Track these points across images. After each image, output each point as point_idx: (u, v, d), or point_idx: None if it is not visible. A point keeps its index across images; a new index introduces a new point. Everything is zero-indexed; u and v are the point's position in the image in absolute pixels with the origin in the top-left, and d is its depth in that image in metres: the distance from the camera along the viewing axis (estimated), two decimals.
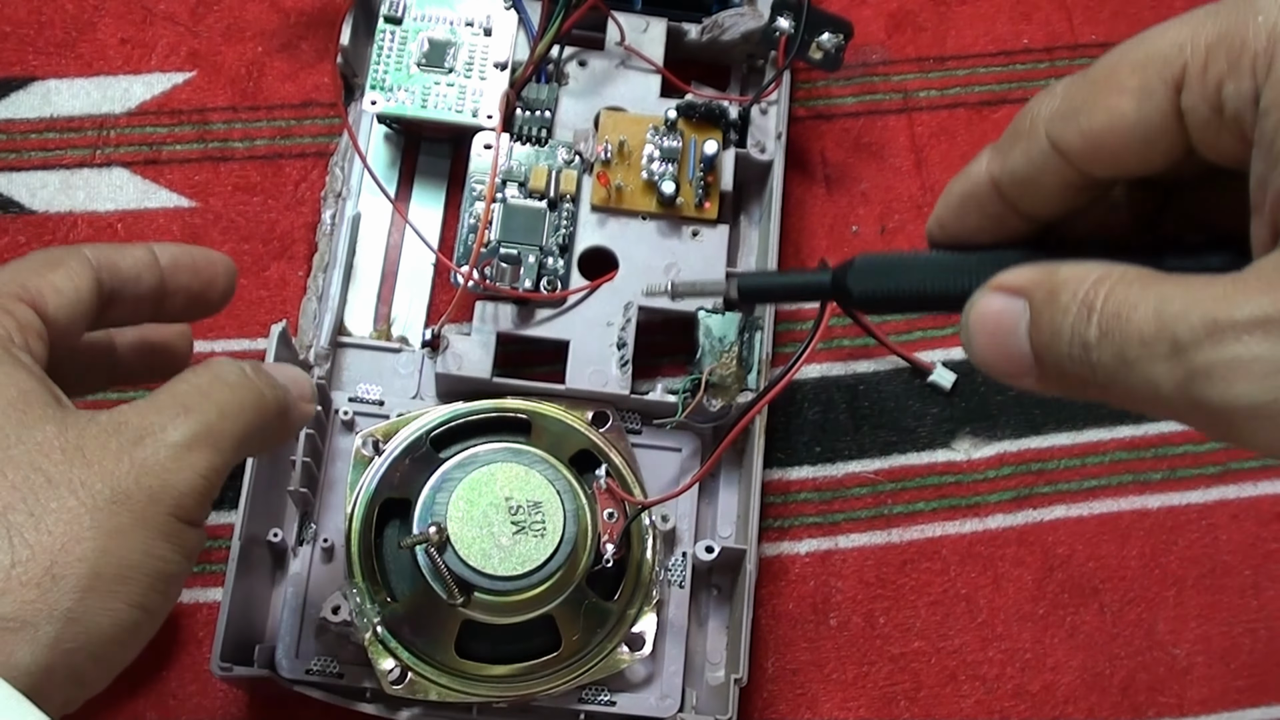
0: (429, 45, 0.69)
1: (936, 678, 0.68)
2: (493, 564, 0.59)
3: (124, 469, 0.44)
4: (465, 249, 0.66)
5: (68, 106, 0.74)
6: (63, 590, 0.42)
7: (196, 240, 0.71)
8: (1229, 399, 0.31)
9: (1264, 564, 0.70)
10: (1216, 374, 0.31)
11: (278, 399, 0.50)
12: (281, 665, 0.62)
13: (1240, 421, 0.31)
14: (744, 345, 0.65)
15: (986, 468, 0.71)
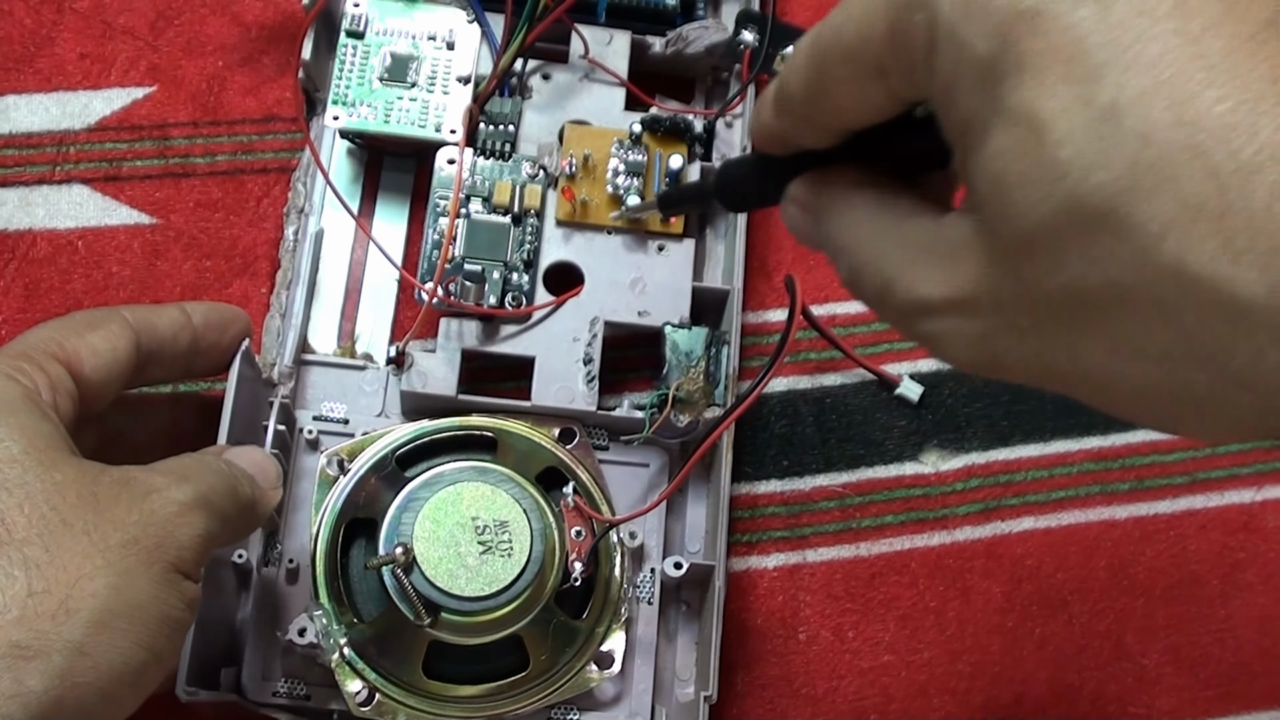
0: (391, 60, 0.69)
1: (906, 691, 0.67)
2: (460, 584, 0.58)
3: (133, 518, 0.47)
4: (430, 265, 0.66)
5: (26, 122, 0.73)
6: (76, 624, 0.43)
7: (158, 257, 0.70)
8: (950, 359, 0.39)
9: (1232, 573, 0.70)
10: (933, 341, 0.38)
11: (248, 494, 0.53)
12: (248, 688, 0.61)
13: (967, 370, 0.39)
14: (711, 360, 0.65)
15: (954, 480, 0.71)
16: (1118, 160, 0.31)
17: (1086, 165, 0.32)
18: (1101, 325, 0.34)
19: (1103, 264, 0.32)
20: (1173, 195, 0.31)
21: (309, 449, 0.65)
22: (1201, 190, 0.30)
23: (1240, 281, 0.30)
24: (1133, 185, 0.31)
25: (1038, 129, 0.33)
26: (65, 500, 0.46)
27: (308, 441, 0.65)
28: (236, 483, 0.53)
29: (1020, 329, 0.35)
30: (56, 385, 0.51)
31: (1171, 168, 0.31)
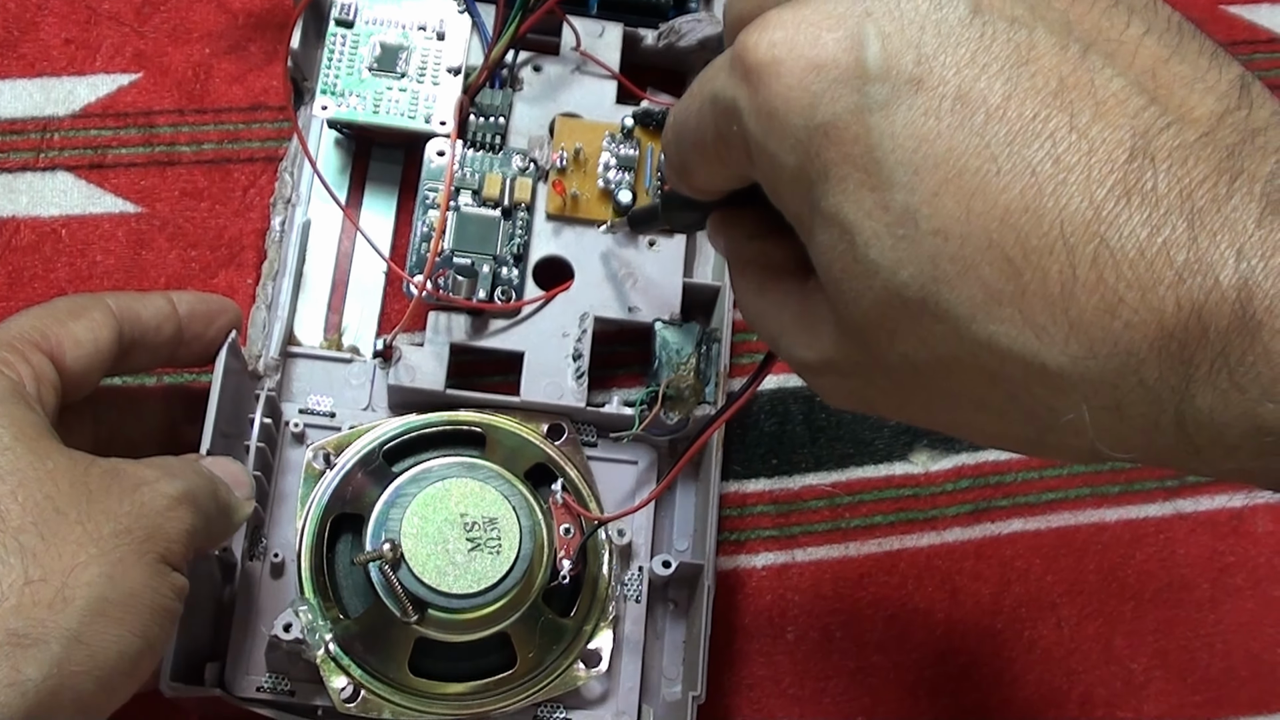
0: (381, 50, 0.68)
1: (894, 692, 0.67)
2: (448, 581, 0.58)
3: (125, 509, 0.47)
4: (419, 258, 0.65)
5: (10, 108, 0.72)
6: (72, 612, 0.43)
7: (143, 246, 0.69)
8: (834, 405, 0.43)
9: (1220, 578, 0.70)
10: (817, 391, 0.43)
11: (226, 499, 0.54)
12: (231, 683, 0.60)
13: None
14: (701, 357, 0.64)
15: (944, 480, 0.70)
16: (920, 257, 0.34)
17: (893, 263, 0.35)
18: (943, 387, 0.37)
19: (930, 342, 0.35)
20: (975, 282, 0.33)
21: (295, 442, 0.64)
22: (998, 276, 0.33)
23: (1046, 355, 0.33)
24: (937, 277, 0.34)
25: (847, 232, 0.35)
26: (58, 489, 0.46)
27: (293, 435, 0.64)
28: (216, 485, 0.53)
29: (881, 387, 0.39)
30: (40, 376, 0.51)
31: (969, 258, 0.33)
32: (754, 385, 0.53)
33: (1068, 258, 0.32)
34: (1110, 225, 0.32)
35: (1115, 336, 0.32)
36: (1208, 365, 0.32)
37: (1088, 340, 0.33)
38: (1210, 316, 0.31)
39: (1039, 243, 0.32)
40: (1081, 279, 0.32)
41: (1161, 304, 0.32)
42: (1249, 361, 0.31)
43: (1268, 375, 0.31)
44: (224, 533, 0.55)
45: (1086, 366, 0.33)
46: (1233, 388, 0.32)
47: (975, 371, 0.35)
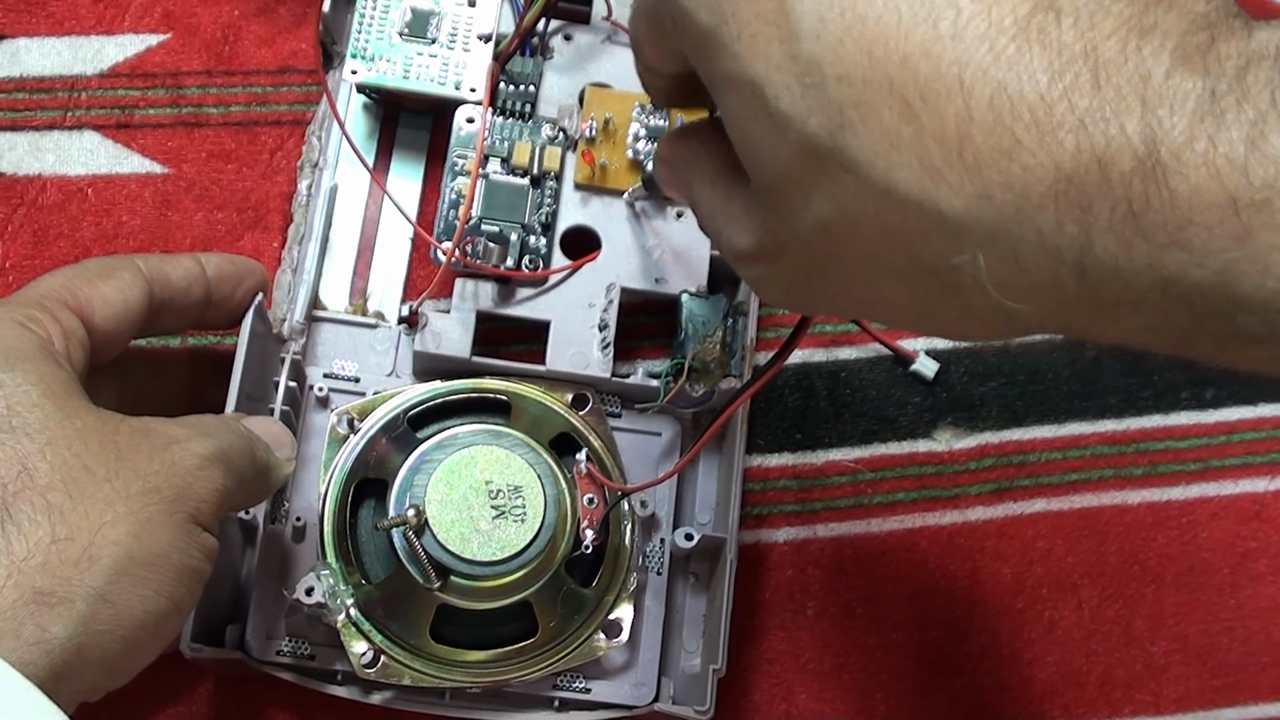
0: (412, 15, 0.67)
1: (914, 669, 0.67)
2: (471, 548, 0.57)
3: (154, 468, 0.47)
4: (446, 224, 0.65)
5: (38, 66, 0.72)
6: (98, 571, 0.43)
7: (169, 207, 0.69)
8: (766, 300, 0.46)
9: (1242, 563, 0.70)
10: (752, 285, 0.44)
11: (263, 458, 0.54)
12: (251, 646, 0.60)
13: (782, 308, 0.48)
14: (728, 330, 0.64)
15: (967, 459, 0.70)
16: (826, 103, 0.34)
17: (803, 113, 0.35)
18: (854, 252, 0.37)
19: (838, 196, 0.36)
20: (876, 127, 0.34)
21: (319, 406, 0.64)
22: (898, 119, 0.34)
23: (941, 199, 0.34)
24: (843, 123, 0.34)
25: (758, 89, 0.36)
26: (87, 447, 0.46)
27: (318, 399, 0.64)
28: (254, 445, 0.53)
29: (803, 269, 0.40)
30: (69, 334, 0.51)
31: (870, 102, 0.34)
32: (781, 359, 0.53)
33: (964, 100, 0.33)
34: (1009, 69, 0.32)
35: (1011, 180, 0.33)
36: (1109, 212, 0.32)
37: (982, 183, 0.33)
38: (1112, 161, 0.31)
39: (936, 85, 0.33)
40: (978, 121, 0.33)
41: (1060, 148, 0.32)
42: (1154, 207, 0.31)
43: (1174, 221, 0.31)
44: (261, 492, 0.55)
45: (982, 211, 0.33)
46: (1137, 235, 0.32)
47: (880, 228, 0.36)
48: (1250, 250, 0.31)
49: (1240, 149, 0.30)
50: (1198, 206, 0.31)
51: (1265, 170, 0.30)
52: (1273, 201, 0.30)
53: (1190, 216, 0.31)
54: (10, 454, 0.44)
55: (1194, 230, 0.31)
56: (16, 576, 0.42)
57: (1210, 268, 0.31)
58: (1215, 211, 0.31)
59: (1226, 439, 0.72)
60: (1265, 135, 0.30)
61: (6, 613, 0.41)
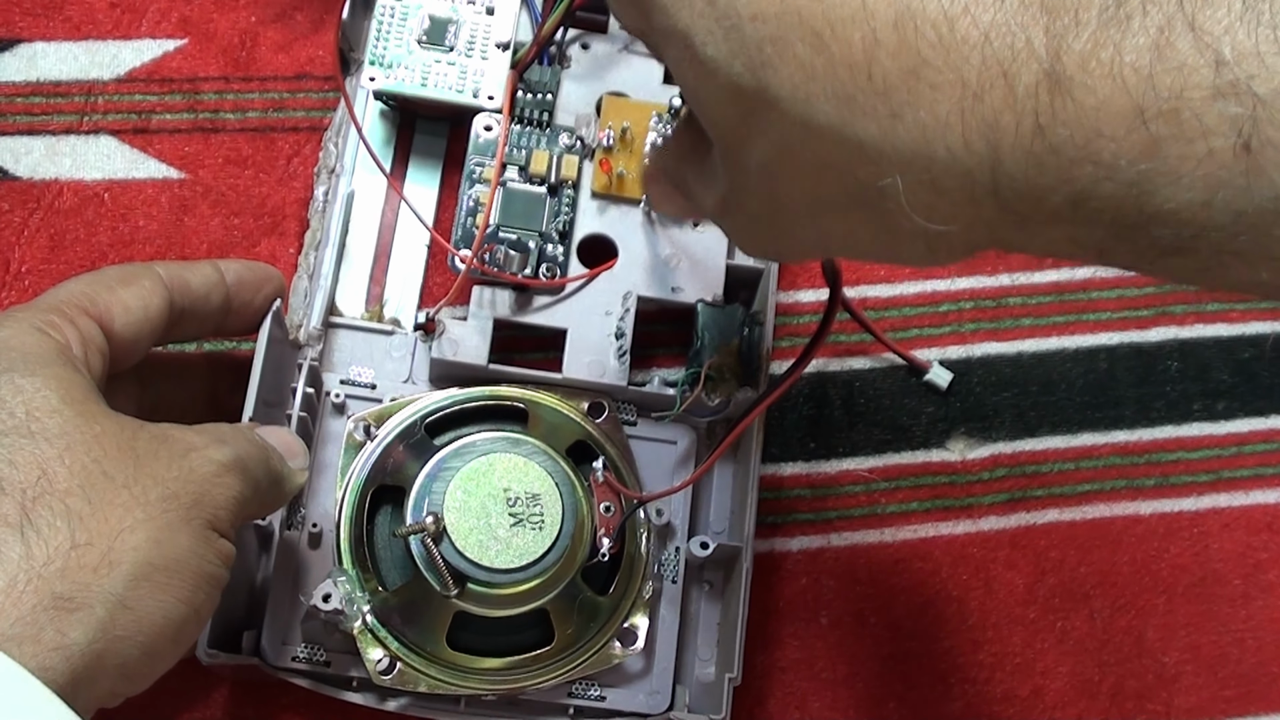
0: (430, 22, 0.68)
1: (926, 679, 0.67)
2: (490, 556, 0.58)
3: (173, 474, 0.46)
4: (464, 231, 0.65)
5: (54, 71, 0.72)
6: (117, 577, 0.43)
7: (185, 212, 0.69)
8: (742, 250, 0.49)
9: (1254, 574, 0.70)
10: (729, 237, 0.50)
11: (278, 468, 0.54)
12: (267, 652, 0.60)
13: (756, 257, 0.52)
14: (744, 339, 0.64)
15: (980, 469, 0.70)
16: (746, 44, 0.35)
17: (727, 56, 0.36)
18: (795, 189, 0.38)
19: (770, 135, 0.37)
20: (792, 62, 0.35)
21: (335, 413, 0.64)
22: (810, 50, 0.34)
23: (858, 126, 0.34)
24: (763, 61, 0.35)
25: (687, 39, 0.37)
26: (106, 452, 0.45)
27: (334, 405, 0.64)
28: (269, 454, 0.53)
29: (762, 213, 0.41)
30: (87, 340, 0.51)
31: (784, 37, 0.34)
32: (798, 370, 0.53)
33: (869, 24, 0.33)
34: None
35: (919, 99, 0.33)
36: (1015, 127, 0.32)
37: (891, 105, 0.33)
38: (1017, 74, 0.31)
39: (842, 12, 0.33)
40: (884, 43, 0.33)
41: (965, 63, 0.32)
42: (1061, 120, 0.31)
43: (1081, 134, 0.31)
44: (275, 501, 0.55)
45: (895, 133, 0.34)
46: (1046, 151, 0.32)
47: (811, 163, 0.36)
48: (1159, 162, 0.31)
49: (1146, 57, 0.30)
50: (1105, 118, 0.31)
51: (1171, 79, 0.30)
52: (1180, 112, 0.30)
53: (1098, 129, 0.31)
54: (30, 458, 0.44)
55: (1102, 143, 0.31)
56: (36, 582, 0.42)
57: (1120, 180, 0.31)
58: (1122, 123, 0.31)
59: (1238, 450, 0.72)
60: (1171, 42, 0.30)
61: (26, 618, 0.41)
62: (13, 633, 0.41)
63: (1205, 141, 0.30)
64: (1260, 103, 0.29)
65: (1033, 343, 0.72)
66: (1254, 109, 0.30)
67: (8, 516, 0.43)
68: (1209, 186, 0.30)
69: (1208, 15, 0.30)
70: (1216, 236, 0.31)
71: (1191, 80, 0.30)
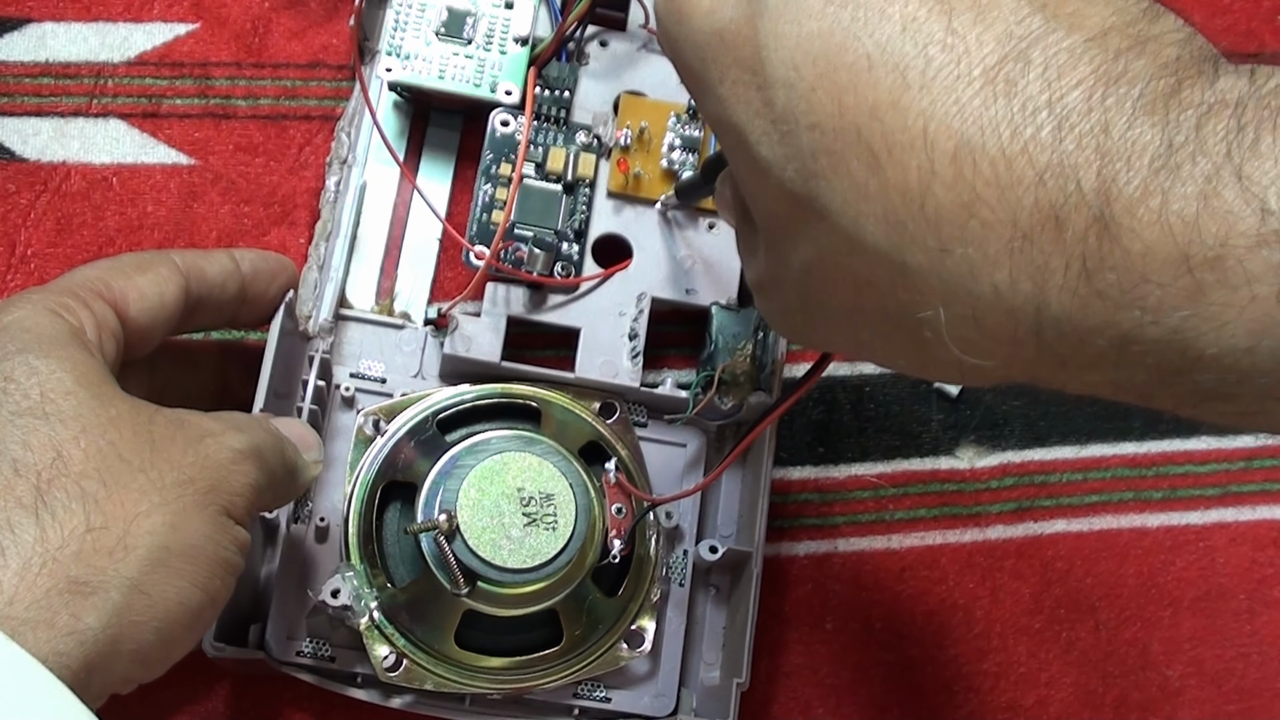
0: (448, 14, 0.67)
1: (931, 687, 0.67)
2: (502, 555, 0.57)
3: (189, 459, 0.46)
4: (479, 227, 0.65)
5: (64, 52, 0.71)
6: (133, 561, 0.43)
7: (194, 199, 0.69)
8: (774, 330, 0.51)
9: (1259, 589, 0.70)
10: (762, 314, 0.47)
11: (293, 458, 0.53)
12: (272, 647, 0.60)
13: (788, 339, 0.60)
14: (758, 344, 0.64)
15: (989, 477, 0.70)
16: (801, 152, 0.35)
17: (781, 160, 0.36)
18: (834, 296, 0.38)
19: (817, 242, 0.37)
20: (845, 177, 0.34)
21: (344, 406, 0.64)
22: (865, 169, 0.34)
23: (906, 252, 0.34)
24: (816, 171, 0.35)
25: (740, 135, 0.37)
26: (121, 436, 0.45)
27: (344, 399, 0.64)
28: (284, 444, 0.53)
29: (795, 305, 0.41)
30: (101, 324, 0.50)
31: (840, 151, 0.34)
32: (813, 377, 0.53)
33: (927, 154, 0.33)
34: (973, 123, 0.32)
35: (970, 235, 0.33)
36: (1063, 269, 0.32)
37: (941, 238, 0.33)
38: (1068, 218, 0.31)
39: (902, 138, 0.33)
40: (940, 175, 0.33)
41: (1018, 204, 0.32)
42: (1109, 264, 0.31)
43: (1128, 279, 0.31)
44: (289, 493, 0.55)
45: (941, 266, 0.33)
46: (1092, 294, 0.32)
47: (853, 277, 0.36)
48: (1203, 308, 0.31)
49: (1194, 205, 0.30)
50: (1151, 264, 0.31)
51: (1217, 227, 0.30)
52: (1225, 259, 0.30)
53: (1145, 274, 0.31)
54: (45, 440, 0.44)
55: (1148, 288, 0.31)
56: (51, 565, 0.41)
57: (1165, 326, 0.31)
58: (1169, 269, 0.30)
59: (1246, 465, 0.72)
60: (1218, 191, 0.30)
61: (41, 601, 0.41)
62: (27, 616, 0.40)
63: (1249, 288, 0.30)
64: None
65: None
66: None
67: (22, 499, 0.42)
68: (1252, 333, 0.30)
69: (1255, 166, 0.30)
70: (1262, 382, 0.31)
71: (1237, 229, 0.30)
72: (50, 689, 0.40)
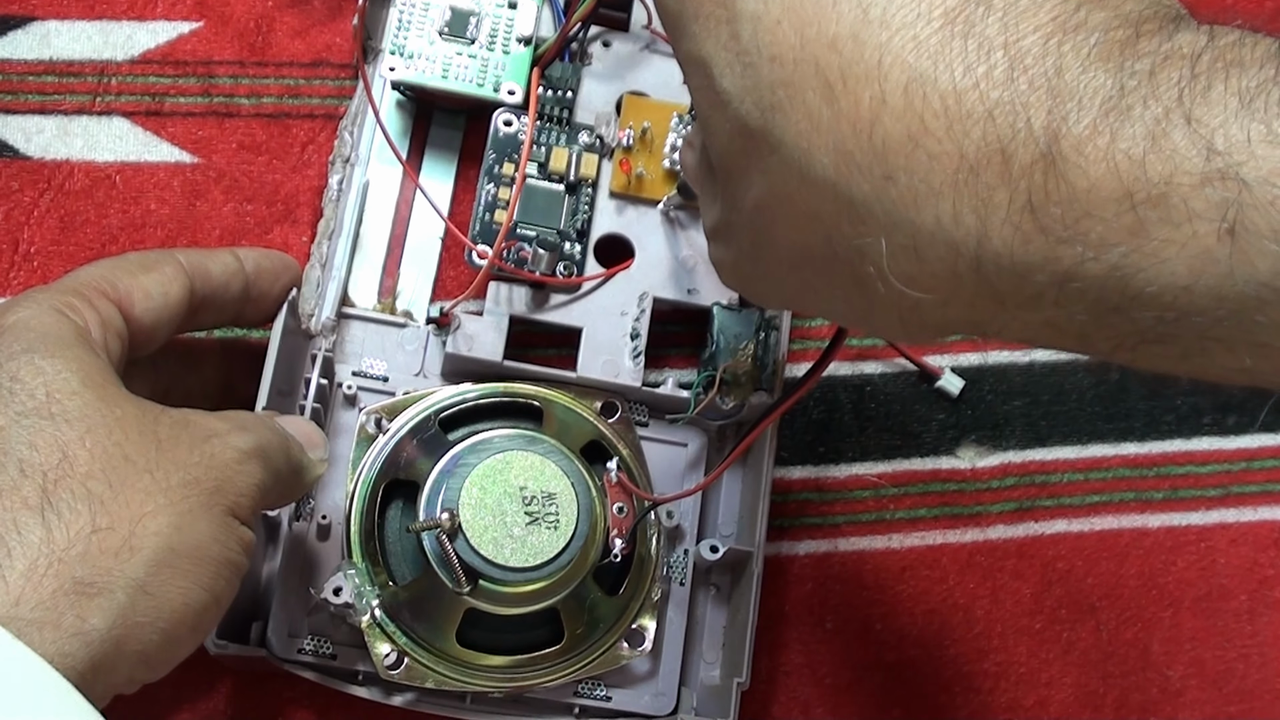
0: (452, 14, 0.67)
1: (931, 687, 0.67)
2: (504, 554, 0.57)
3: (194, 460, 0.46)
4: (482, 226, 0.65)
5: (68, 50, 0.71)
6: (139, 561, 0.43)
7: (197, 197, 0.69)
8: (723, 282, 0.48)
9: (1260, 590, 0.70)
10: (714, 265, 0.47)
11: (298, 457, 0.53)
12: (274, 644, 0.60)
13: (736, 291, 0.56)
14: (759, 344, 0.64)
15: (990, 477, 0.70)
16: (760, 84, 0.36)
17: (740, 92, 0.37)
18: (781, 236, 0.39)
19: (768, 177, 0.37)
20: (800, 108, 0.35)
21: (346, 404, 0.64)
22: (820, 101, 0.35)
23: (852, 183, 0.35)
24: (773, 104, 0.36)
25: (705, 68, 0.38)
26: (127, 436, 0.45)
27: (346, 397, 0.64)
28: (290, 444, 0.53)
29: (746, 251, 0.42)
30: (106, 324, 0.50)
31: (797, 83, 0.35)
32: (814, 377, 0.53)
33: (880, 85, 0.33)
34: (928, 58, 0.33)
35: (914, 166, 0.33)
36: (1007, 203, 0.32)
37: (887, 168, 0.34)
38: (1014, 153, 0.32)
39: (857, 69, 0.34)
40: (890, 106, 0.33)
41: (966, 137, 0.32)
42: (1053, 199, 0.32)
43: (1070, 214, 0.32)
44: (295, 491, 0.55)
45: (885, 195, 0.34)
46: (1034, 228, 0.32)
47: (801, 212, 0.37)
48: (1144, 244, 0.31)
49: (1141, 145, 0.31)
50: (1095, 200, 0.31)
51: (1163, 166, 0.31)
52: (1169, 197, 0.31)
53: (1088, 209, 0.31)
54: (50, 441, 0.44)
55: (1090, 223, 0.31)
56: (57, 566, 0.41)
57: (1105, 262, 0.32)
58: (1111, 205, 0.31)
59: (1247, 465, 0.72)
60: (1166, 133, 0.31)
61: (46, 602, 0.41)
62: (33, 617, 0.41)
63: (1190, 225, 0.31)
64: (1246, 188, 0.30)
65: (1045, 352, 0.72)
66: (1240, 194, 0.30)
67: (28, 499, 0.42)
68: (1192, 270, 0.31)
69: (1205, 110, 0.31)
70: (1198, 321, 0.32)
71: (1182, 167, 0.30)
72: (58, 689, 0.40)
